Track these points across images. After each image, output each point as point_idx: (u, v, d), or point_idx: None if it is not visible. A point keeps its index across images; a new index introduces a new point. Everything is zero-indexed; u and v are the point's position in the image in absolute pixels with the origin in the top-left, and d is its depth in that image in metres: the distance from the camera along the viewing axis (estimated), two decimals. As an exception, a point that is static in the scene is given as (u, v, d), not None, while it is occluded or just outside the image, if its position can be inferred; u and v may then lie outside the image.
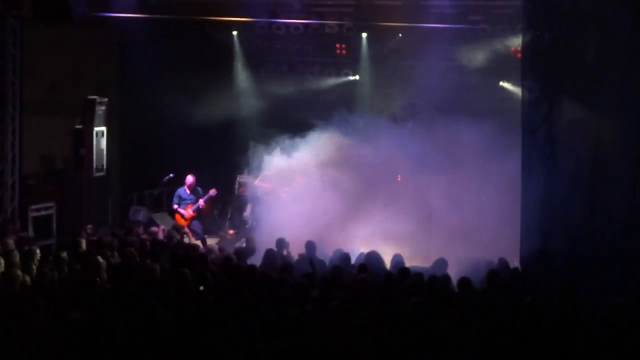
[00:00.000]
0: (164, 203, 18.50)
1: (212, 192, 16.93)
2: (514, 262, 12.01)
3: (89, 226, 14.55)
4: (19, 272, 10.09)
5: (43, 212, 14.81)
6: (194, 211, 16.82)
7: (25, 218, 14.37)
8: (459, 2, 16.03)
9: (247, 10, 17.07)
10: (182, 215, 16.80)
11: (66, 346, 7.61)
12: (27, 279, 10.08)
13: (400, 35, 17.18)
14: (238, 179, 17.88)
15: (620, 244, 10.54)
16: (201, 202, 16.80)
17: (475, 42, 16.82)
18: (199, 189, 16.94)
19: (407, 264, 11.82)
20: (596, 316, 8.62)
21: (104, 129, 16.69)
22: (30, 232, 14.34)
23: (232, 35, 18.23)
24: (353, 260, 12.06)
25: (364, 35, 17.73)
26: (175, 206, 16.90)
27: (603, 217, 10.86)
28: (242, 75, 18.75)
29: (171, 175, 17.94)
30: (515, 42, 15.17)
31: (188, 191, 16.89)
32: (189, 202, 16.85)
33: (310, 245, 12.52)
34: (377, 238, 13.84)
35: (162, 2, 16.76)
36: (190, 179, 16.87)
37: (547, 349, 7.97)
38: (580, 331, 8.29)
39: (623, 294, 9.23)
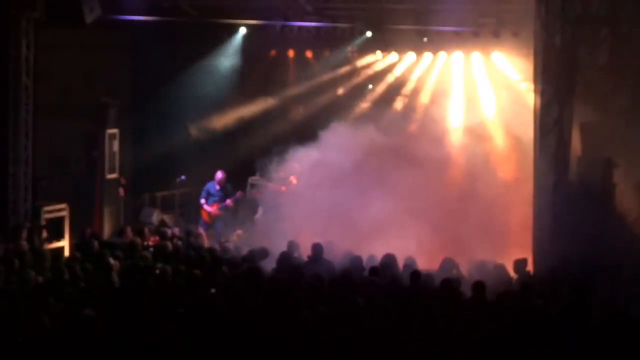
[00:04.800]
0: (175, 205, 18.52)
1: (239, 194, 16.80)
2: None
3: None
4: (32, 272, 10.17)
5: (56, 214, 14.87)
6: (219, 210, 16.71)
7: (38, 220, 14.42)
8: (470, 6, 15.99)
9: (259, 13, 17.08)
10: (207, 212, 16.67)
11: (78, 346, 7.65)
12: (40, 279, 10.15)
13: (425, 39, 17.06)
14: (250, 180, 17.84)
15: (632, 249, 10.53)
16: (229, 201, 16.64)
17: (486, 44, 16.78)
18: (228, 185, 16.77)
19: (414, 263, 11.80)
20: (607, 320, 8.62)
21: (116, 131, 16.73)
22: (43, 234, 14.39)
23: (244, 37, 18.19)
24: (365, 262, 12.03)
25: (369, 34, 17.62)
26: (202, 201, 16.73)
27: (615, 221, 10.84)
28: (253, 77, 18.77)
29: (183, 177, 17.95)
30: (528, 45, 15.12)
31: (217, 187, 16.67)
32: (216, 198, 16.63)
33: (317, 248, 12.39)
34: (391, 238, 13.70)
35: (174, 4, 16.78)
36: (219, 175, 16.68)
37: (557, 351, 7.98)
38: (590, 334, 8.29)
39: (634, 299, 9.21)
